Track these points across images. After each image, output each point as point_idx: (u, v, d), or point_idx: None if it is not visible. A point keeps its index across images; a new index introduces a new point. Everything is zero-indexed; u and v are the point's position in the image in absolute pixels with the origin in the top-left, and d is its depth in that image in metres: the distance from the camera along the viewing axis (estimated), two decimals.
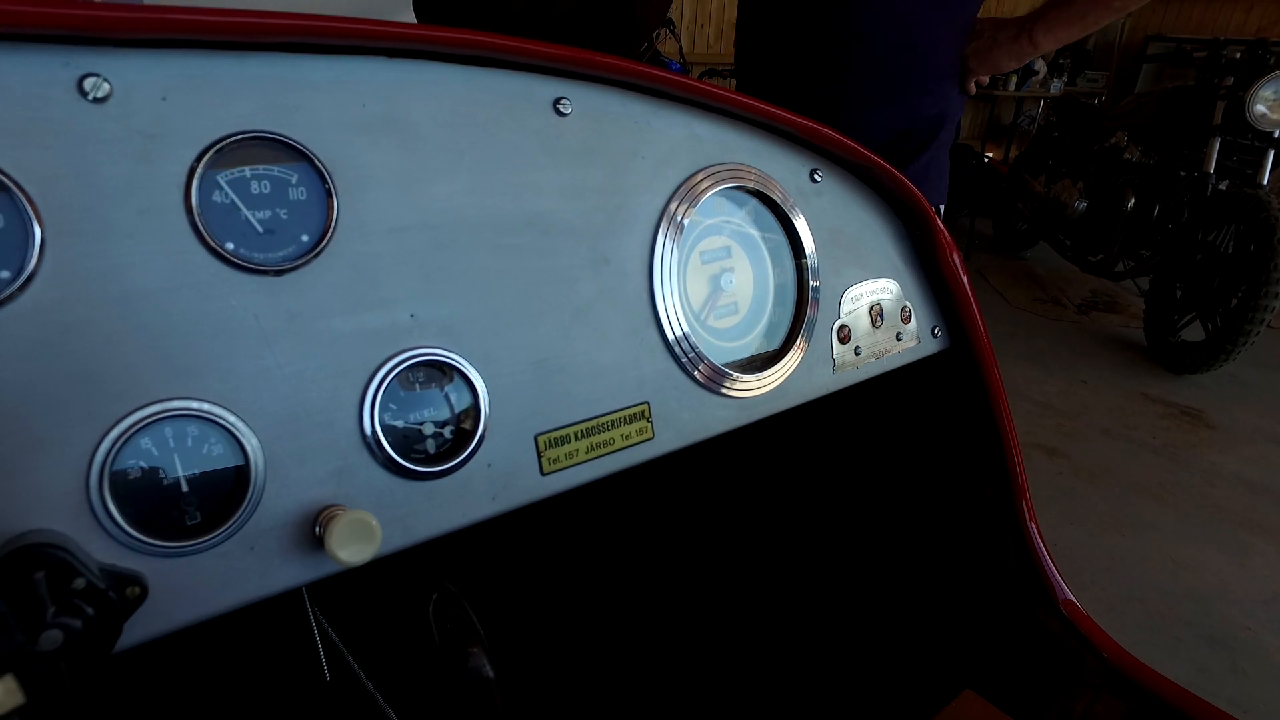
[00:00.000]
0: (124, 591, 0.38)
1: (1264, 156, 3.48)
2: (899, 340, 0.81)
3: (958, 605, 0.93)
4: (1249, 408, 3.27)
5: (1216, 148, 3.52)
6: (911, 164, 1.35)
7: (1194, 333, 3.50)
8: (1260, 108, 3.37)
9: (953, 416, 0.89)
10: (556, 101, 0.54)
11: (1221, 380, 3.48)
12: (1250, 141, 3.51)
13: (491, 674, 0.57)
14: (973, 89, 1.38)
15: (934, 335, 0.85)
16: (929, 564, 0.95)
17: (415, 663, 0.62)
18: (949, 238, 0.81)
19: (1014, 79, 6.31)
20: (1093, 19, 1.26)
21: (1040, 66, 6.61)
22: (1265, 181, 3.49)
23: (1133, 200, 3.83)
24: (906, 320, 0.81)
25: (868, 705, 0.94)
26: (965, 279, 0.83)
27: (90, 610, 0.35)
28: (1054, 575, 0.85)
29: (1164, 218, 3.79)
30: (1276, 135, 3.43)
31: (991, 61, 1.33)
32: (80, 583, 0.35)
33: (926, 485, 0.93)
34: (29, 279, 0.38)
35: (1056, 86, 6.61)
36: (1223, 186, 3.61)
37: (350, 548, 0.41)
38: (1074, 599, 0.85)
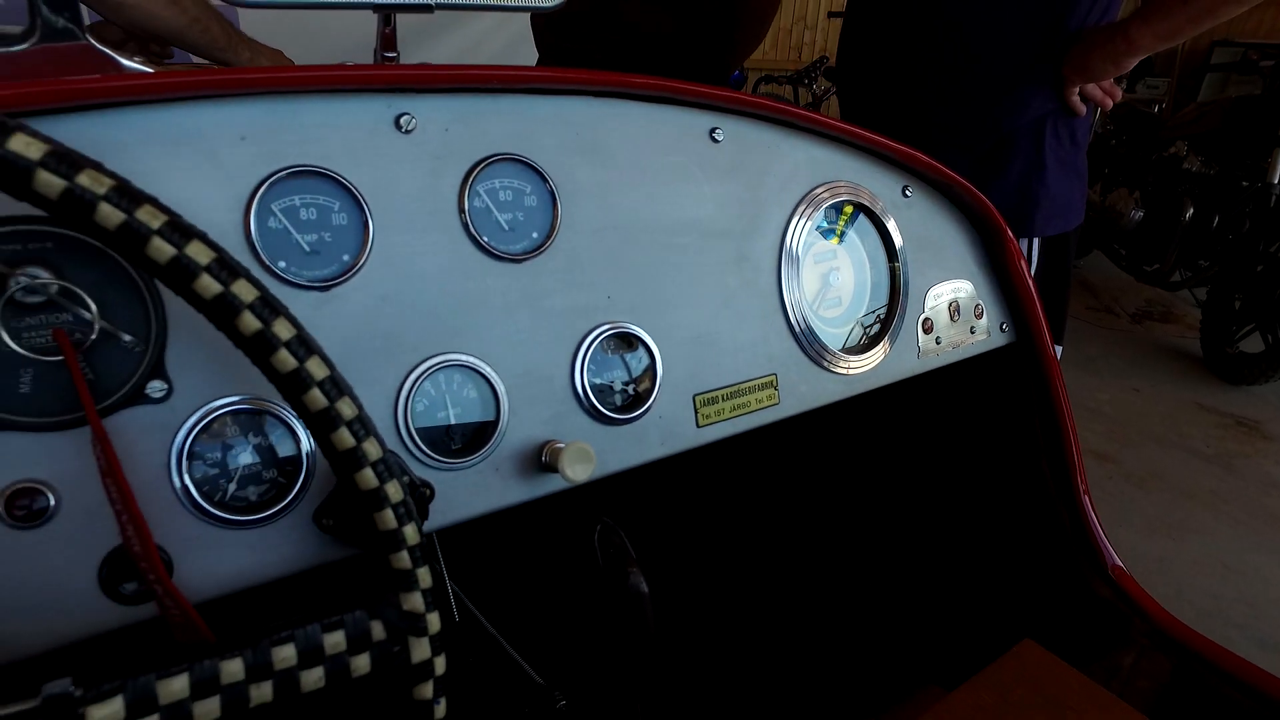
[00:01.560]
0: (422, 491, 0.54)
1: None
2: (972, 333, 0.94)
3: (1017, 569, 1.06)
4: None
5: None
6: (1011, 176, 1.40)
7: (1253, 344, 3.54)
8: None
9: (1014, 402, 1.03)
10: (712, 131, 0.69)
11: None
12: None
13: (646, 589, 0.72)
14: (1076, 103, 1.37)
15: (1001, 330, 0.98)
16: (992, 532, 1.09)
17: (582, 585, 0.77)
18: (1016, 246, 0.95)
19: None
20: (1196, 10, 1.20)
21: None
22: None
23: (1191, 210, 3.87)
24: (979, 316, 0.95)
25: (939, 648, 1.07)
26: (1031, 282, 0.97)
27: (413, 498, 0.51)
28: (1104, 543, 0.98)
29: (1224, 228, 3.83)
30: None
31: (1086, 66, 1.32)
32: (406, 480, 0.51)
33: (991, 462, 1.07)
34: (363, 262, 0.54)
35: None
36: None
37: (576, 467, 0.57)
38: (1122, 565, 0.98)
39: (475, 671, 1.04)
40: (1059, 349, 1.59)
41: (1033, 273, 1.33)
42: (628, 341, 0.65)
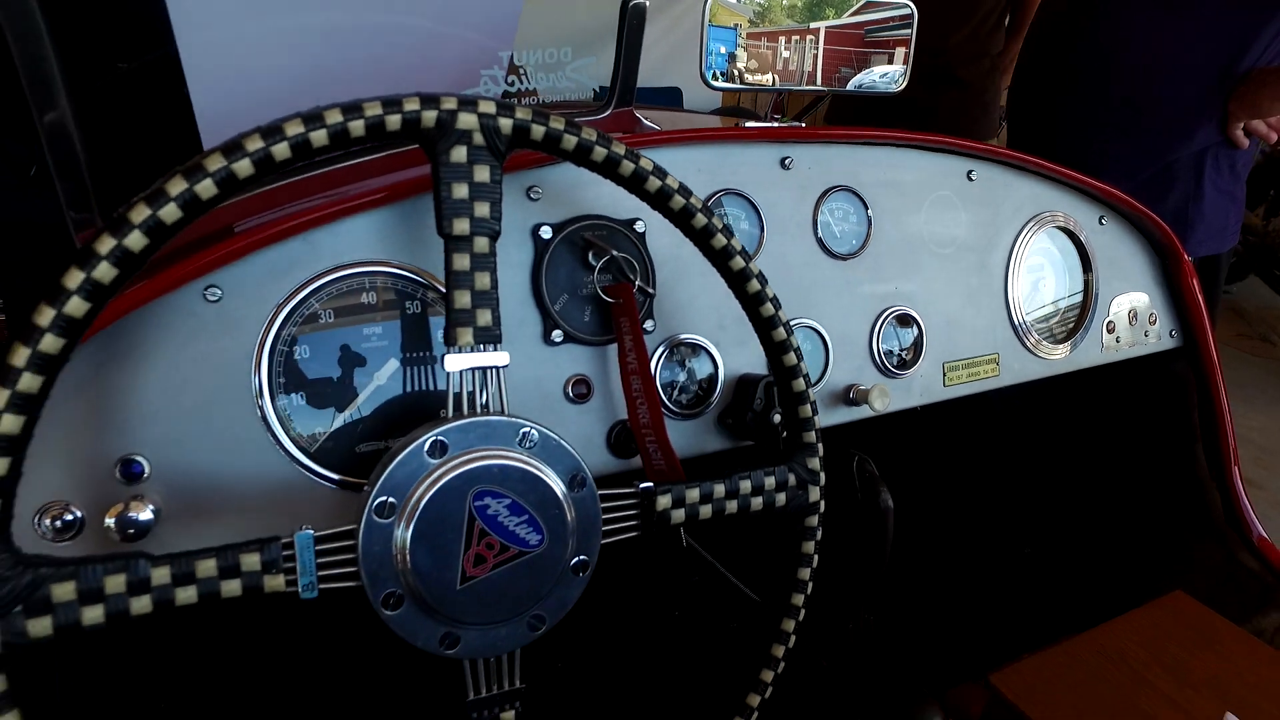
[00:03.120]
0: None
1: None
2: (1146, 337, 1.20)
3: (1173, 540, 1.29)
4: None
5: None
6: (1170, 200, 1.62)
7: None
8: None
9: (1176, 398, 1.27)
10: (969, 172, 0.98)
11: None
12: None
13: (891, 504, 1.01)
14: (1239, 137, 1.57)
15: (1171, 336, 1.23)
16: (1152, 507, 1.33)
17: (838, 507, 1.08)
18: (1190, 265, 1.19)
19: None
20: None
21: None
22: None
23: None
24: (1153, 323, 1.20)
25: (1103, 597, 1.32)
26: (1201, 297, 1.21)
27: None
28: (1252, 518, 1.21)
29: None
30: None
31: (1254, 104, 1.52)
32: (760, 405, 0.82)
33: (1153, 448, 1.31)
34: (757, 255, 0.86)
35: None
36: None
37: (879, 401, 0.87)
38: (1267, 537, 1.21)
39: (700, 590, 1.36)
40: None
41: None
42: (906, 321, 0.95)
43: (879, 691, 1.16)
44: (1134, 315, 1.18)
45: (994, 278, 1.01)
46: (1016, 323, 1.03)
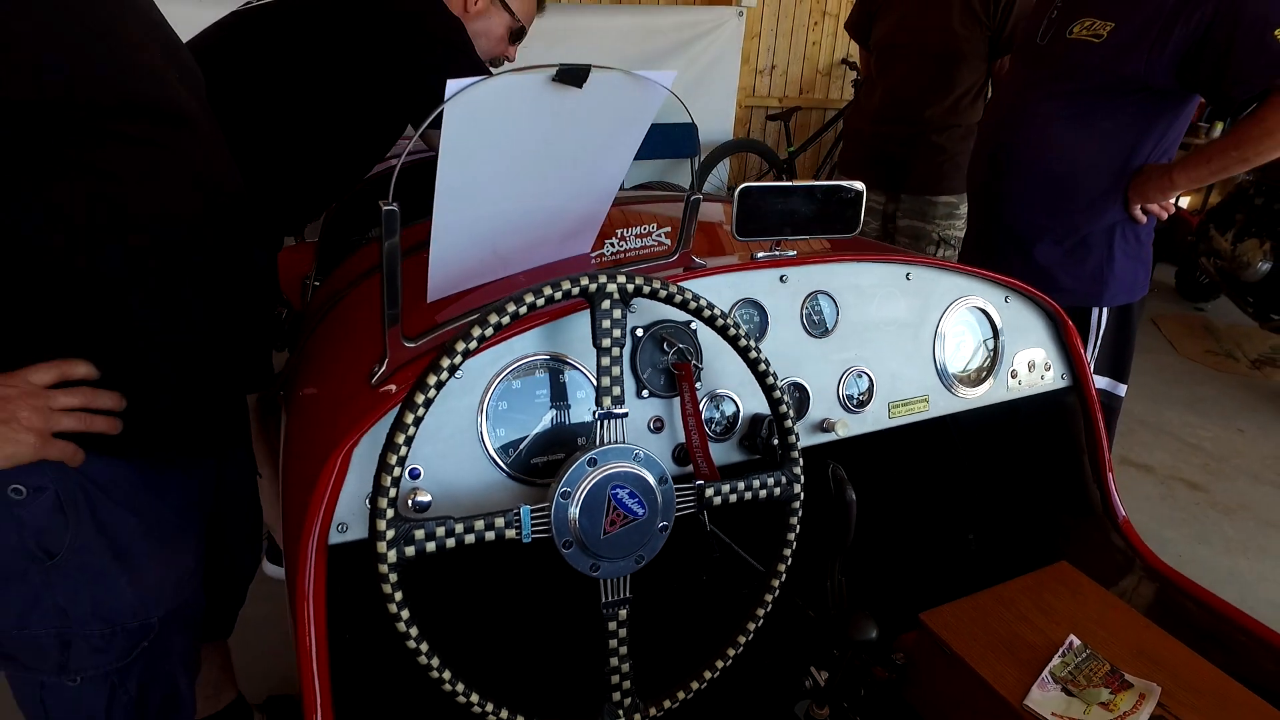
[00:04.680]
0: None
1: None
2: (1042, 379, 1.71)
3: (1060, 528, 1.81)
4: None
5: None
6: (1089, 264, 2.17)
7: None
8: None
9: (1069, 423, 1.78)
10: (907, 274, 1.50)
11: None
12: None
13: (854, 498, 1.52)
14: (1139, 215, 2.12)
15: (1061, 378, 1.74)
16: (1047, 505, 1.84)
17: (817, 501, 1.59)
18: (1074, 329, 1.70)
19: (1220, 126, 6.69)
20: (1218, 167, 1.96)
21: None
22: None
23: None
24: (1048, 369, 1.71)
25: (1010, 565, 1.83)
26: (1082, 352, 1.72)
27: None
28: (1120, 509, 1.73)
29: None
30: None
31: (1144, 192, 2.06)
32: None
33: (1054, 458, 1.83)
34: (763, 339, 1.38)
35: None
36: None
37: (843, 429, 1.39)
38: (1129, 519, 1.72)
39: (719, 564, 1.88)
40: (1124, 387, 2.34)
41: (1102, 330, 2.13)
42: (861, 375, 1.47)
43: (847, 629, 1.68)
44: (1032, 364, 1.69)
45: (924, 344, 1.53)
46: (941, 374, 1.55)
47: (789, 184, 1.30)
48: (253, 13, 1.81)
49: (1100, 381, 2.35)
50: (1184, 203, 6.85)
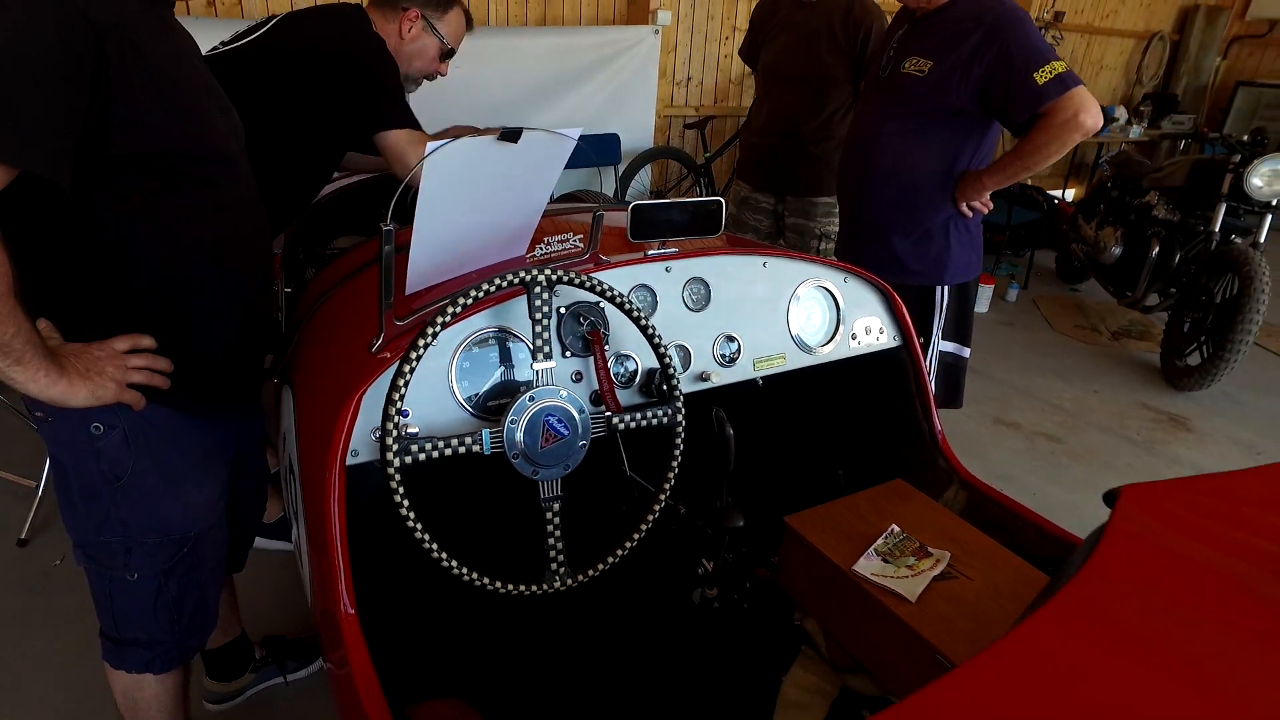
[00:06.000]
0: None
1: (1262, 220, 4.74)
2: (877, 341, 2.26)
3: (900, 457, 2.37)
4: (1230, 419, 4.48)
5: (1222, 212, 4.77)
6: (931, 251, 2.76)
7: (1197, 359, 4.74)
8: (1256, 181, 4.62)
9: (902, 375, 2.34)
10: (764, 263, 2.02)
11: (1216, 397, 4.70)
12: (1252, 208, 4.76)
13: (732, 433, 2.02)
14: (965, 210, 2.74)
15: (893, 339, 2.29)
16: (889, 440, 2.40)
17: (703, 438, 2.10)
18: (900, 303, 2.25)
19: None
20: (1012, 172, 2.59)
21: (1120, 113, 7.78)
22: (1263, 240, 4.75)
23: (1157, 249, 5.08)
24: (881, 333, 2.26)
25: (859, 484, 2.37)
26: (908, 321, 2.27)
27: None
28: (942, 437, 2.29)
29: (1182, 265, 5.04)
30: (1273, 204, 4.68)
31: (963, 193, 2.70)
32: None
33: (886, 404, 2.38)
34: (654, 314, 1.88)
35: (1136, 132, 7.76)
36: (1235, 239, 4.83)
37: (717, 378, 1.90)
38: (945, 436, 2.28)
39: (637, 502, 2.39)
40: (968, 350, 2.95)
41: (945, 304, 2.73)
42: (730, 338, 1.98)
43: (736, 539, 2.20)
44: (868, 329, 2.24)
45: (780, 315, 2.06)
46: (794, 336, 2.08)
47: (668, 200, 1.81)
48: (220, 57, 2.25)
49: (948, 346, 2.94)
50: (1069, 195, 7.63)
